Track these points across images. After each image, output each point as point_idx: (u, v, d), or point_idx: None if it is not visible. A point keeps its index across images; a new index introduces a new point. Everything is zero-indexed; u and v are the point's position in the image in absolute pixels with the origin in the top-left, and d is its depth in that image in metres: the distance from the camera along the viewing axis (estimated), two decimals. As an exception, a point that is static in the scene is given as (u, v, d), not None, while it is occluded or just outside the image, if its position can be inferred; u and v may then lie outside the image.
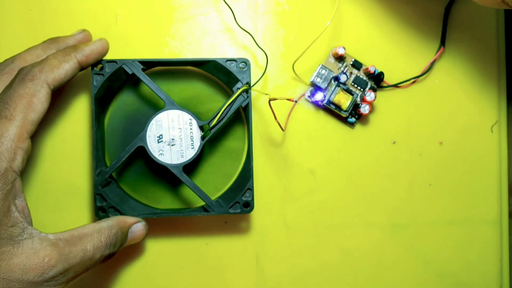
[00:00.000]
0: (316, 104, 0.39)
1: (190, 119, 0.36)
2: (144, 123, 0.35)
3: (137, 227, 0.34)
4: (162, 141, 0.35)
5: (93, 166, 0.35)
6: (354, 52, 0.39)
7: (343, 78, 0.38)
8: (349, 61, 0.39)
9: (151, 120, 0.35)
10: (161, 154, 0.35)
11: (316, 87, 0.39)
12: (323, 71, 0.38)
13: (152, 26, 0.39)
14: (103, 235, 0.31)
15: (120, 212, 0.35)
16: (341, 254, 0.39)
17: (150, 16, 0.39)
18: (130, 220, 0.34)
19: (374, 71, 0.38)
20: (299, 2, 0.39)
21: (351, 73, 0.39)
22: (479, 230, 0.40)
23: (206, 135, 0.36)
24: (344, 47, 0.38)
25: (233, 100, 0.36)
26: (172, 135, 0.35)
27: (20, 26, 0.38)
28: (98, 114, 0.36)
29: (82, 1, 0.38)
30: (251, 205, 0.36)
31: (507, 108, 0.40)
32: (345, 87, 0.38)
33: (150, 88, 0.35)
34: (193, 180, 0.36)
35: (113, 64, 0.35)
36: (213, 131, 0.36)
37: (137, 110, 0.38)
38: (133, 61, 0.35)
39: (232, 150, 0.38)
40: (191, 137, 0.36)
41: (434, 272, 0.40)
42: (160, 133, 0.35)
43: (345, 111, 0.38)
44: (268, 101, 0.36)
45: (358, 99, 0.39)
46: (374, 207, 0.39)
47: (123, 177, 0.38)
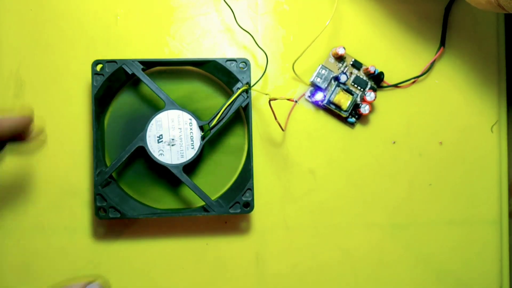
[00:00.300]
0: (316, 104, 0.39)
1: (190, 119, 0.36)
2: (144, 123, 0.35)
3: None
4: (162, 141, 0.35)
5: (93, 166, 0.35)
6: (354, 52, 0.39)
7: (343, 78, 0.38)
8: (349, 61, 0.39)
9: (151, 120, 0.35)
10: (161, 154, 0.35)
11: (316, 87, 0.39)
12: (323, 71, 0.38)
13: (152, 26, 0.39)
14: None
15: (120, 212, 0.35)
16: (341, 254, 0.39)
17: (150, 16, 0.39)
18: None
19: (374, 71, 0.38)
20: (299, 2, 0.39)
21: (351, 73, 0.39)
22: (479, 230, 0.40)
23: (206, 135, 0.36)
24: (344, 47, 0.38)
25: (233, 100, 0.36)
26: (172, 135, 0.35)
27: (20, 26, 0.38)
28: (98, 114, 0.36)
29: (82, 1, 0.38)
30: (251, 205, 0.36)
31: (507, 108, 0.40)
32: (345, 87, 0.38)
33: (150, 88, 0.35)
34: (193, 180, 0.36)
35: (113, 64, 0.35)
36: (213, 131, 0.36)
37: (137, 110, 0.38)
38: (133, 61, 0.35)
39: (232, 150, 0.38)
40: (191, 137, 0.36)
41: (434, 271, 0.40)
42: (160, 133, 0.35)
43: (345, 111, 0.38)
44: (268, 101, 0.36)
45: (358, 99, 0.39)
46: (374, 207, 0.39)
47: (123, 177, 0.38)
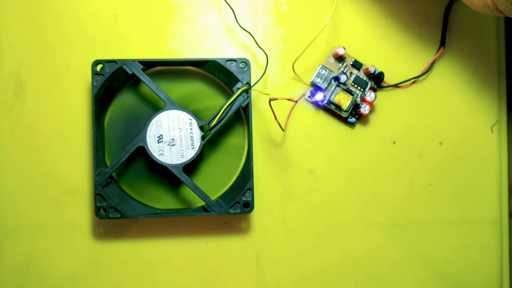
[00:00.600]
0: (316, 104, 0.39)
1: (190, 119, 0.36)
2: (144, 123, 0.35)
3: None
4: (162, 141, 0.35)
5: (93, 166, 0.35)
6: (354, 52, 0.39)
7: (343, 78, 0.38)
8: (349, 61, 0.39)
9: (151, 120, 0.35)
10: (161, 154, 0.35)
11: (316, 87, 0.39)
12: (323, 71, 0.38)
13: (152, 26, 0.39)
14: None
15: (120, 212, 0.35)
16: (341, 254, 0.39)
17: (150, 16, 0.39)
18: None
19: (374, 71, 0.38)
20: (299, 2, 0.39)
21: (351, 73, 0.39)
22: (479, 230, 0.40)
23: (206, 135, 0.36)
24: (344, 47, 0.38)
25: (233, 100, 0.36)
26: (172, 135, 0.35)
27: (20, 26, 0.38)
28: (98, 114, 0.36)
29: (82, 1, 0.38)
30: (251, 205, 0.36)
31: (507, 108, 0.40)
32: (345, 87, 0.38)
33: (150, 88, 0.35)
34: (193, 180, 0.36)
35: (113, 64, 0.35)
36: (213, 131, 0.36)
37: (137, 110, 0.38)
38: (133, 61, 0.35)
39: (232, 150, 0.38)
40: (191, 137, 0.36)
41: (434, 272, 0.40)
42: (160, 133, 0.35)
43: (345, 111, 0.38)
44: (268, 101, 0.36)
45: (358, 99, 0.39)
46: (374, 207, 0.39)
47: (123, 177, 0.38)
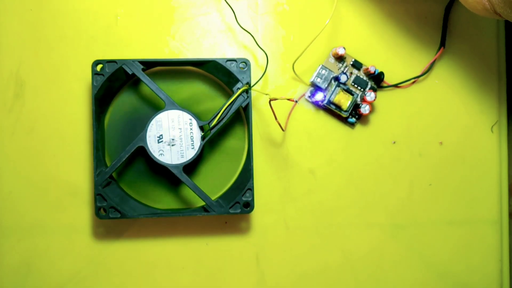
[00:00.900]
0: (316, 104, 0.39)
1: (190, 119, 0.36)
2: (144, 123, 0.35)
3: None
4: (162, 141, 0.35)
5: (93, 166, 0.35)
6: (354, 52, 0.39)
7: (343, 78, 0.38)
8: (349, 61, 0.39)
9: (151, 120, 0.35)
10: (161, 154, 0.35)
11: (316, 87, 0.39)
12: (323, 71, 0.38)
13: (152, 26, 0.39)
14: None
15: (120, 212, 0.35)
16: (341, 254, 0.39)
17: (150, 16, 0.39)
18: None
19: (374, 71, 0.38)
20: (299, 2, 0.39)
21: (351, 73, 0.39)
22: (479, 230, 0.40)
23: (206, 135, 0.36)
24: (344, 47, 0.38)
25: (233, 100, 0.36)
26: (172, 135, 0.35)
27: (20, 26, 0.38)
28: (98, 114, 0.36)
29: (82, 1, 0.38)
30: (251, 205, 0.36)
31: (507, 108, 0.40)
32: (345, 87, 0.38)
33: (150, 88, 0.35)
34: (193, 180, 0.36)
35: (113, 64, 0.35)
36: (213, 131, 0.36)
37: (137, 110, 0.38)
38: (133, 61, 0.35)
39: (232, 150, 0.38)
40: (191, 137, 0.36)
41: (434, 272, 0.40)
42: (160, 133, 0.35)
43: (345, 111, 0.38)
44: (269, 101, 0.36)
45: (358, 99, 0.39)
46: (374, 207, 0.39)
47: (123, 177, 0.38)
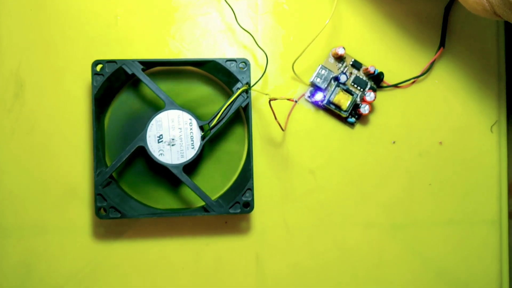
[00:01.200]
0: (316, 104, 0.39)
1: (190, 119, 0.36)
2: (144, 123, 0.35)
3: None
4: (162, 141, 0.35)
5: (93, 166, 0.35)
6: (353, 52, 0.39)
7: (343, 78, 0.38)
8: (349, 61, 0.39)
9: (151, 120, 0.35)
10: (161, 154, 0.35)
11: (316, 87, 0.39)
12: (323, 71, 0.38)
13: (152, 26, 0.39)
14: None
15: (120, 212, 0.35)
16: (341, 254, 0.39)
17: (150, 16, 0.39)
18: None
19: (374, 71, 0.38)
20: (299, 2, 0.39)
21: (351, 73, 0.39)
22: (478, 230, 0.40)
23: (206, 135, 0.36)
24: (343, 47, 0.38)
25: (233, 100, 0.36)
26: (172, 135, 0.35)
27: (20, 26, 0.38)
28: (98, 114, 0.36)
29: (82, 1, 0.38)
30: (251, 205, 0.36)
31: (506, 108, 0.40)
32: (345, 87, 0.38)
33: (150, 88, 0.35)
34: (193, 180, 0.36)
35: (113, 64, 0.35)
36: (213, 131, 0.36)
37: (137, 110, 0.38)
38: (133, 61, 0.35)
39: (232, 150, 0.38)
40: (191, 137, 0.36)
41: (433, 271, 0.40)
42: (160, 133, 0.35)
43: (345, 111, 0.38)
44: (268, 101, 0.36)
45: (358, 99, 0.39)
46: (373, 207, 0.39)
47: (123, 177, 0.38)
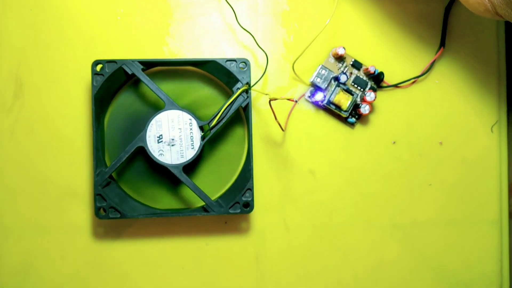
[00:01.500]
0: (316, 104, 0.39)
1: (190, 119, 0.36)
2: (144, 123, 0.35)
3: None
4: (162, 141, 0.35)
5: (93, 166, 0.35)
6: (354, 52, 0.39)
7: (343, 78, 0.38)
8: (349, 61, 0.39)
9: (151, 120, 0.35)
10: (161, 154, 0.35)
11: (316, 87, 0.39)
12: (323, 71, 0.38)
13: (152, 26, 0.39)
14: None
15: (120, 212, 0.35)
16: (341, 254, 0.39)
17: (150, 16, 0.39)
18: None
19: (374, 71, 0.38)
20: (299, 2, 0.39)
21: (351, 73, 0.39)
22: (479, 230, 0.40)
23: (206, 135, 0.36)
24: (344, 47, 0.38)
25: (233, 100, 0.36)
26: (172, 135, 0.35)
27: (20, 26, 0.38)
28: (98, 114, 0.36)
29: (82, 1, 0.38)
30: (251, 205, 0.36)
31: (507, 108, 0.40)
32: (345, 87, 0.38)
33: (150, 88, 0.35)
34: (193, 180, 0.36)
35: (113, 64, 0.35)
36: (213, 131, 0.36)
37: (137, 110, 0.38)
38: (133, 61, 0.35)
39: (232, 150, 0.38)
40: (191, 137, 0.36)
41: (434, 271, 0.40)
42: (160, 133, 0.35)
43: (345, 111, 0.38)
44: (268, 101, 0.36)
45: (358, 99, 0.39)
46: (374, 207, 0.39)
47: (123, 177, 0.38)
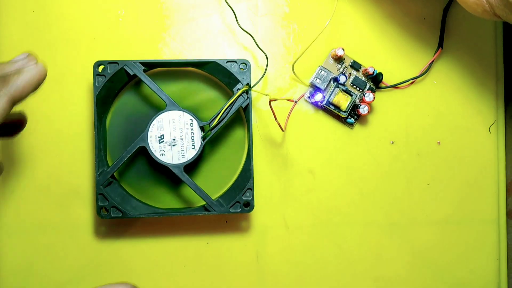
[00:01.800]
0: (316, 105, 0.39)
1: (191, 119, 0.36)
2: (146, 123, 0.36)
3: None
4: (163, 141, 0.36)
5: (95, 166, 0.35)
6: (353, 53, 0.40)
7: (342, 79, 0.38)
8: (348, 62, 0.39)
9: (152, 121, 0.36)
10: (162, 154, 0.36)
11: (315, 88, 0.39)
12: (323, 72, 0.39)
13: (153, 27, 0.39)
14: None
15: (121, 212, 0.35)
16: (340, 253, 0.39)
17: (151, 17, 0.39)
18: None
19: (373, 72, 0.38)
20: (299, 4, 0.40)
21: (350, 74, 0.39)
22: (477, 230, 0.40)
23: (207, 136, 0.36)
24: (343, 48, 0.38)
25: (233, 101, 0.36)
26: (173, 136, 0.36)
27: (22, 27, 0.38)
28: (100, 114, 0.36)
29: (84, 2, 0.38)
30: (251, 204, 0.36)
31: (504, 108, 0.41)
32: (344, 88, 0.39)
33: (151, 89, 0.36)
34: (194, 180, 0.36)
35: (115, 65, 0.36)
36: (214, 132, 0.36)
37: (138, 111, 0.38)
38: (135, 62, 0.36)
39: (232, 150, 0.39)
40: (192, 138, 0.36)
41: (432, 270, 0.40)
42: (161, 133, 0.36)
43: (344, 111, 0.38)
44: (268, 101, 0.36)
45: (357, 100, 0.39)
46: (372, 207, 0.40)
47: (124, 177, 0.38)
